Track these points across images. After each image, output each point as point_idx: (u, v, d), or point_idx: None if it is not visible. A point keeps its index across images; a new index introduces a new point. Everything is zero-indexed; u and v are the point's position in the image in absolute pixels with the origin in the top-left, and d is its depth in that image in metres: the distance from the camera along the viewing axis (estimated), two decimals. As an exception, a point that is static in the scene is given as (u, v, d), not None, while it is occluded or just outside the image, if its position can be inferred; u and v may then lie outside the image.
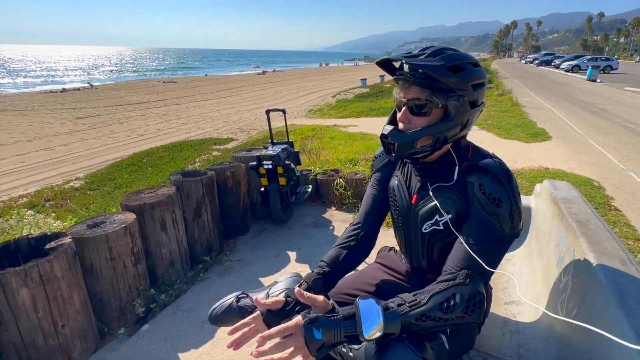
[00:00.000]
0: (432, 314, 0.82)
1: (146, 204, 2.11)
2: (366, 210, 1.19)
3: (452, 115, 0.93)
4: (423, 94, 0.92)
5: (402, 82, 0.96)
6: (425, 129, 0.93)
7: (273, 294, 1.19)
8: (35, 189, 5.37)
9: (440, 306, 0.82)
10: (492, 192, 0.91)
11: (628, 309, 0.81)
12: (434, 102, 0.92)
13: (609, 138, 6.68)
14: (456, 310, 0.83)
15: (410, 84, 0.94)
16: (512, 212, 0.90)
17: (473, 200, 0.94)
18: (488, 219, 0.91)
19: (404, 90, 0.95)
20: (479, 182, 0.93)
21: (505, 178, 0.92)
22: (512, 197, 0.91)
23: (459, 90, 0.91)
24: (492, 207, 0.90)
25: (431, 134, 0.94)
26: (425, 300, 0.83)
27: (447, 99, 0.91)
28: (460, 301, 0.83)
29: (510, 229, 0.91)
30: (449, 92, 0.91)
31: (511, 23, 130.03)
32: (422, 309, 0.81)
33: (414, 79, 0.92)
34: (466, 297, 0.83)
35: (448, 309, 0.82)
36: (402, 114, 0.96)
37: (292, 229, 3.11)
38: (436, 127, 0.93)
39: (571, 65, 28.06)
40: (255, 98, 18.06)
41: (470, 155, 1.02)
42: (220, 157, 6.50)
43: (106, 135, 9.74)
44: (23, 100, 17.73)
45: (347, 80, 27.62)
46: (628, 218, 3.33)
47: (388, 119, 1.06)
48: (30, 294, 1.52)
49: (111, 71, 49.49)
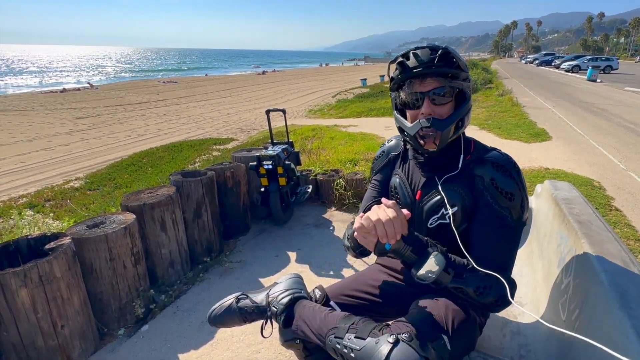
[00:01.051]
0: (466, 290, 0.92)
1: (146, 204, 2.11)
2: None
3: (468, 96, 1.00)
4: (442, 82, 0.97)
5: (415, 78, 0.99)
6: (456, 112, 0.98)
7: (273, 295, 1.19)
8: (35, 189, 5.37)
9: (476, 289, 0.91)
10: (505, 187, 0.95)
11: (630, 310, 0.80)
12: (455, 86, 0.98)
13: (609, 138, 6.67)
14: (486, 299, 0.91)
15: (425, 76, 0.97)
16: (522, 204, 0.96)
17: (484, 194, 0.97)
18: (500, 212, 0.96)
19: (420, 84, 0.98)
20: (491, 176, 0.97)
21: (515, 172, 0.97)
22: (523, 190, 0.96)
23: (466, 72, 0.99)
24: (504, 200, 0.95)
25: (460, 117, 0.99)
26: (469, 279, 0.91)
27: (462, 81, 0.98)
28: (494, 294, 0.91)
29: (519, 219, 0.97)
30: (460, 75, 0.97)
31: (511, 23, 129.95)
32: (462, 285, 0.91)
33: (431, 71, 0.96)
34: (500, 294, 0.91)
35: (481, 295, 0.91)
36: (426, 106, 0.99)
37: (292, 229, 3.11)
38: (462, 110, 0.99)
39: (571, 66, 28.03)
40: (256, 98, 18.05)
41: (473, 149, 1.04)
42: (220, 157, 6.50)
43: (106, 135, 9.74)
44: (23, 100, 17.73)
45: (347, 81, 27.60)
46: (629, 218, 3.33)
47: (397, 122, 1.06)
48: (30, 295, 1.51)
49: (111, 71, 49.49)
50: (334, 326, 0.98)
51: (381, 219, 0.84)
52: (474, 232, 0.99)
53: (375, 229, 0.84)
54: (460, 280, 0.91)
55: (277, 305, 1.14)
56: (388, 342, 0.85)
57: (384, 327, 0.92)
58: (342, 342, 0.92)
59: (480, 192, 0.97)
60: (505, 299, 0.90)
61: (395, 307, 1.18)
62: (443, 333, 0.94)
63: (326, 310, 1.07)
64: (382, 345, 0.85)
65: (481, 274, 0.91)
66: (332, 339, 0.95)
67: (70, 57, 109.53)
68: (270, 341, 1.79)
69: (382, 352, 0.84)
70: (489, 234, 0.96)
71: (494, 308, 0.95)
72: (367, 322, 0.96)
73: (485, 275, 0.90)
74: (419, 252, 0.88)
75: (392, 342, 0.85)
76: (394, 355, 0.82)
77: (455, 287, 0.91)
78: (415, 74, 0.97)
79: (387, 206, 0.86)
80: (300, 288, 1.21)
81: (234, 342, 1.84)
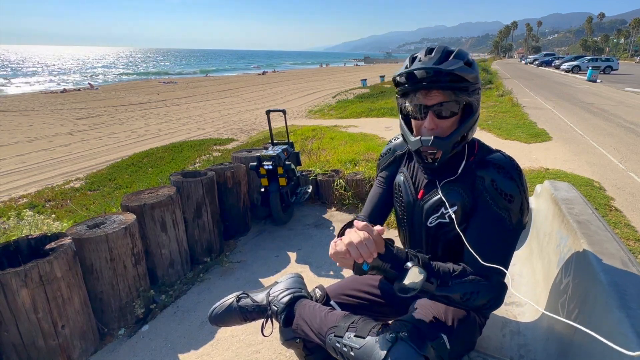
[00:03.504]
0: (452, 297, 0.91)
1: (146, 205, 2.11)
2: (371, 207, 1.21)
3: (475, 109, 0.97)
4: (449, 96, 0.93)
5: (420, 89, 0.95)
6: (460, 128, 0.96)
7: (274, 294, 1.20)
8: (35, 189, 5.37)
9: (462, 295, 0.91)
10: (505, 188, 0.94)
11: (629, 310, 0.81)
12: (461, 101, 0.94)
13: (610, 138, 6.67)
14: (473, 304, 0.91)
15: (431, 89, 0.94)
16: (522, 207, 0.95)
17: (484, 194, 0.96)
18: (499, 214, 0.94)
19: (424, 96, 0.95)
20: (491, 177, 0.95)
21: (517, 174, 0.95)
22: (523, 192, 0.95)
23: (476, 84, 0.95)
24: (503, 202, 0.94)
25: (465, 132, 0.97)
26: (455, 286, 0.91)
27: (469, 94, 0.95)
28: (480, 299, 0.91)
29: (518, 222, 0.96)
30: (469, 87, 0.94)
31: (511, 23, 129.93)
32: (447, 293, 0.91)
33: (437, 85, 0.92)
34: (487, 297, 0.91)
35: (467, 301, 0.91)
36: (430, 120, 0.96)
37: (292, 230, 3.11)
38: (467, 124, 0.97)
39: (571, 66, 28.03)
40: (256, 99, 18.05)
41: (477, 150, 1.04)
42: (221, 158, 6.50)
43: (106, 135, 9.74)
44: (24, 100, 17.73)
45: (347, 81, 27.61)
46: (629, 219, 3.33)
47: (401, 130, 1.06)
48: (30, 295, 1.51)
49: (111, 71, 49.51)
50: (333, 325, 0.98)
51: (353, 241, 0.84)
52: (470, 232, 0.97)
53: (349, 252, 0.84)
54: (445, 288, 0.90)
55: (277, 304, 1.15)
56: (387, 340, 0.85)
57: (383, 326, 0.93)
58: (342, 340, 0.92)
59: (480, 192, 0.97)
60: (496, 301, 0.93)
61: (395, 306, 1.18)
62: (442, 332, 0.94)
63: (326, 309, 1.07)
64: (382, 344, 0.85)
65: (467, 280, 0.91)
66: (332, 337, 0.95)
67: (71, 57, 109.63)
68: (270, 341, 1.79)
69: (382, 351, 0.84)
70: (484, 234, 0.95)
71: (484, 311, 0.98)
72: (367, 321, 0.96)
73: (471, 281, 0.91)
74: (398, 268, 0.86)
75: (391, 340, 0.85)
76: (393, 354, 0.83)
77: (442, 295, 0.91)
78: (420, 87, 0.94)
79: (358, 228, 0.86)
80: (301, 287, 1.21)
81: (234, 342, 1.84)
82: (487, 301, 0.92)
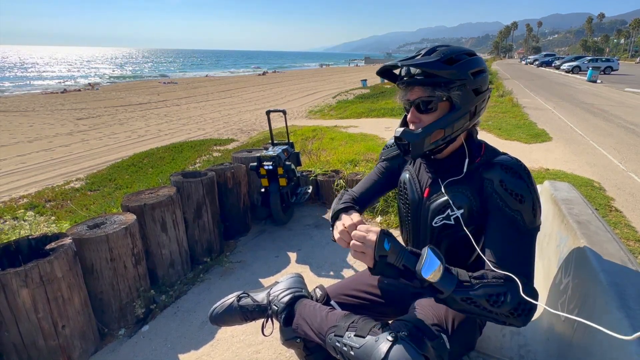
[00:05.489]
0: (478, 301, 0.83)
1: (146, 205, 2.12)
2: (364, 189, 1.25)
3: (458, 105, 0.96)
4: (425, 92, 0.96)
5: (404, 86, 1.00)
6: (435, 123, 0.97)
7: (274, 294, 1.20)
8: (36, 189, 5.37)
9: (489, 297, 0.83)
10: (514, 188, 0.91)
11: (629, 310, 0.81)
12: (438, 96, 0.95)
13: (610, 139, 6.67)
14: (503, 307, 0.83)
15: (412, 85, 0.98)
16: (534, 207, 0.91)
17: (494, 197, 0.94)
18: (512, 215, 0.91)
19: (408, 92, 1.00)
20: (500, 178, 0.94)
21: (525, 173, 0.93)
22: (534, 192, 0.92)
23: (458, 80, 0.94)
24: (515, 202, 0.91)
25: (441, 127, 0.96)
26: (477, 286, 0.84)
27: (449, 90, 0.95)
28: (510, 301, 0.83)
29: (532, 223, 0.92)
30: (449, 83, 0.94)
31: (511, 24, 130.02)
32: (471, 294, 0.83)
33: (414, 80, 0.96)
34: (517, 300, 0.83)
35: (495, 304, 0.83)
36: (411, 114, 1.01)
37: (292, 230, 3.11)
38: (445, 120, 0.96)
39: (571, 66, 28.05)
40: (256, 99, 18.06)
41: (483, 152, 1.03)
42: (221, 158, 6.50)
43: (107, 136, 9.75)
44: (24, 101, 17.75)
45: (347, 81, 27.62)
46: (629, 219, 3.33)
47: (400, 122, 1.10)
48: (31, 295, 1.52)
49: (112, 72, 49.54)
50: (334, 325, 0.98)
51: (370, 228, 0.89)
52: (487, 239, 0.95)
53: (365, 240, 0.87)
54: (468, 288, 0.83)
55: (277, 304, 1.15)
56: (387, 340, 0.85)
57: (383, 326, 0.92)
58: (342, 340, 0.92)
59: (490, 195, 0.94)
60: (528, 305, 0.82)
61: (396, 306, 1.18)
62: (443, 332, 0.94)
63: (327, 309, 1.07)
64: (382, 343, 0.85)
65: (492, 282, 0.85)
66: (332, 337, 0.95)
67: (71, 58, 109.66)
68: (270, 341, 1.79)
69: (382, 350, 0.84)
70: (502, 239, 0.91)
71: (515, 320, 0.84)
72: (367, 320, 0.96)
73: (495, 282, 0.85)
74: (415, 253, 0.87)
75: (391, 340, 0.85)
76: (393, 354, 0.82)
77: (465, 297, 0.83)
78: (402, 82, 0.99)
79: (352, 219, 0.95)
80: (301, 287, 1.21)
81: (234, 342, 1.84)
82: (518, 304, 0.82)
